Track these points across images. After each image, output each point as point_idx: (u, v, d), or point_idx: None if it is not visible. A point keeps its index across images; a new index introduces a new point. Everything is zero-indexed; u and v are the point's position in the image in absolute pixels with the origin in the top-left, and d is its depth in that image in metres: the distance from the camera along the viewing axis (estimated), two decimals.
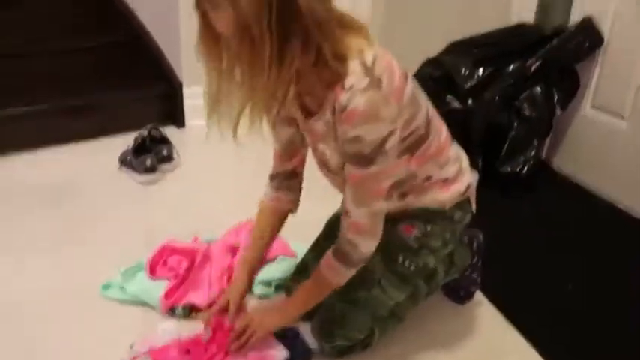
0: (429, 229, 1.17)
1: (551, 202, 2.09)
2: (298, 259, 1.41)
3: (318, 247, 1.33)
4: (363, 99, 0.92)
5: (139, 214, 1.83)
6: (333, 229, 1.31)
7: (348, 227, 1.06)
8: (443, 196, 1.17)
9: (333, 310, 1.20)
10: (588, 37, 2.18)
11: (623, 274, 1.67)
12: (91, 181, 2.03)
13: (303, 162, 1.26)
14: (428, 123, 1.09)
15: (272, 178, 1.27)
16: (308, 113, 1.07)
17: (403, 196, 1.15)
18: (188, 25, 2.45)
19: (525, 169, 2.07)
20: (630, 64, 2.05)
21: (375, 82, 0.93)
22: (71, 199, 1.88)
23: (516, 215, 1.29)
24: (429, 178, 1.14)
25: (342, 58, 0.94)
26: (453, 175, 1.17)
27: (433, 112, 1.13)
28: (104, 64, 2.65)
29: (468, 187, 1.20)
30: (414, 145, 1.08)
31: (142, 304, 1.37)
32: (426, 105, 1.10)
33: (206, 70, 0.97)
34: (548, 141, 2.36)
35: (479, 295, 1.47)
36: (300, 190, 1.28)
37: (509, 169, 2.03)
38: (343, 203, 1.08)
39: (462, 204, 1.19)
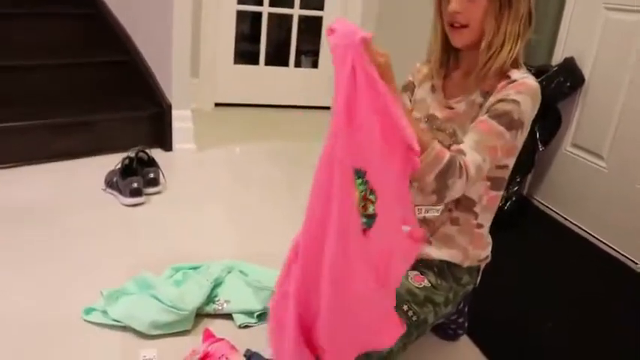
0: (438, 282, 1.21)
1: (532, 239, 2.13)
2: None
3: None
4: (535, 81, 1.11)
5: (123, 237, 1.82)
6: None
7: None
8: (470, 252, 1.23)
9: None
10: (570, 77, 2.24)
11: (603, 310, 1.69)
12: (76, 201, 2.03)
13: None
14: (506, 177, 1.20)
15: None
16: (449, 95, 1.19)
17: (455, 221, 1.20)
18: (180, 49, 2.53)
19: (507, 205, 2.11)
20: (609, 105, 2.11)
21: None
22: (54, 219, 1.87)
23: (498, 251, 1.33)
24: (480, 225, 1.22)
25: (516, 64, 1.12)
26: (485, 237, 1.26)
27: None
28: (95, 82, 2.66)
29: (487, 258, 1.28)
30: (498, 180, 1.18)
31: (123, 329, 1.37)
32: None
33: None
34: (530, 177, 2.41)
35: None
36: None
37: None
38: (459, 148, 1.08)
39: (472, 271, 1.26)
